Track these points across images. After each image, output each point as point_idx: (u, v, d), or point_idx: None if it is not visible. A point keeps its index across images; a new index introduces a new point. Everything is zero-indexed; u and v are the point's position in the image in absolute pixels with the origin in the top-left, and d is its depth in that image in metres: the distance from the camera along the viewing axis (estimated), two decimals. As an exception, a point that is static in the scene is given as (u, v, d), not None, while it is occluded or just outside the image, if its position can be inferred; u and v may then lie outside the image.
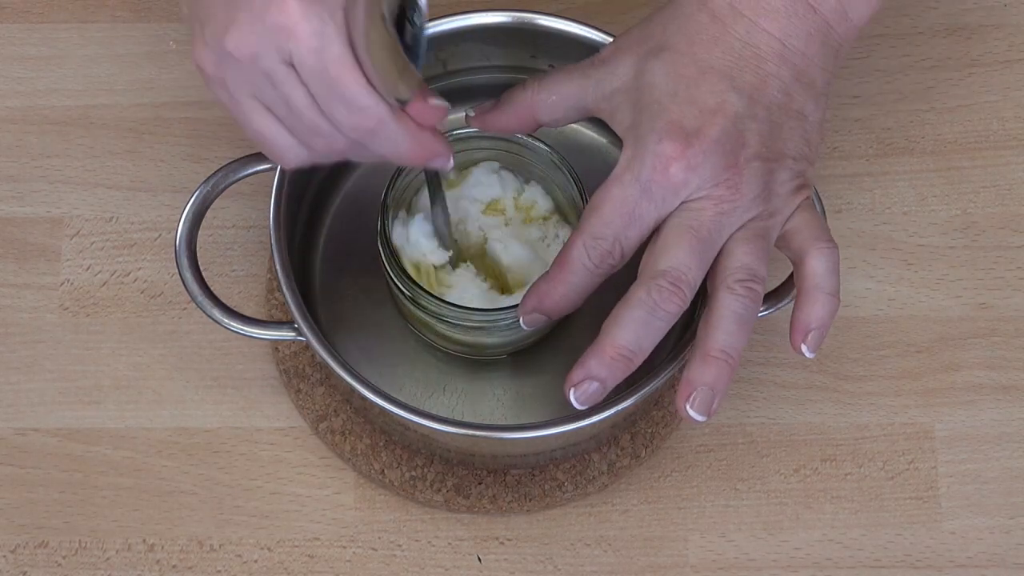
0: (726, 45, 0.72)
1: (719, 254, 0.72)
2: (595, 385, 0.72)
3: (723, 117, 0.71)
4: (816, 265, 0.73)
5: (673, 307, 0.71)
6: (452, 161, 0.72)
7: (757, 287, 0.72)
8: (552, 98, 0.76)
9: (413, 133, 0.69)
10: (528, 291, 0.75)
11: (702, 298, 0.81)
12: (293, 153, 0.71)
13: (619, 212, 0.72)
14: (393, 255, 0.79)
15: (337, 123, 0.68)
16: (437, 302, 0.79)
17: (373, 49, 0.66)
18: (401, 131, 0.69)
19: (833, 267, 0.73)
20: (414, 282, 0.79)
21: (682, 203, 0.71)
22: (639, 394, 0.77)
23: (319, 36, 0.65)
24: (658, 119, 0.71)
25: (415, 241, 0.81)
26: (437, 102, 0.70)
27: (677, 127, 0.71)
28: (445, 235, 0.81)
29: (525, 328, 0.76)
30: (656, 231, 0.72)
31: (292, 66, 0.67)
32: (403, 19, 0.68)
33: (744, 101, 0.71)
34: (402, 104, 0.69)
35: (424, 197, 0.81)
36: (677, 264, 0.71)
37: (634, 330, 0.72)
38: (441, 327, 0.81)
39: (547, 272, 0.74)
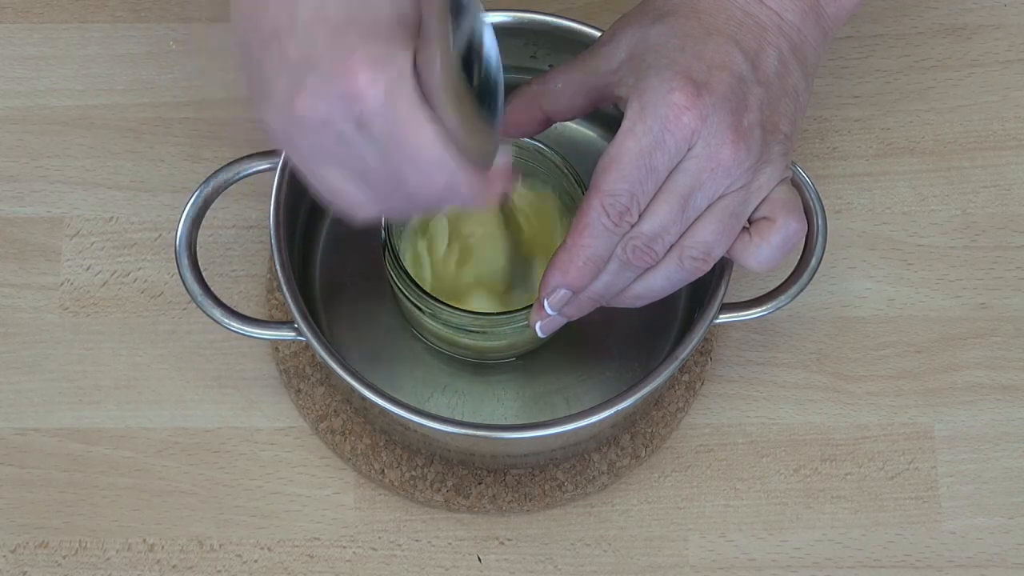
0: (728, 13, 0.73)
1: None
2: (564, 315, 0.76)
3: (729, 74, 0.71)
4: (772, 238, 0.75)
5: (645, 264, 0.74)
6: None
7: (707, 265, 0.74)
8: (558, 86, 0.76)
9: (482, 185, 0.68)
10: (548, 268, 0.74)
11: (701, 296, 0.81)
12: (368, 208, 0.69)
13: (636, 165, 0.71)
14: (396, 258, 0.79)
15: (408, 185, 0.67)
16: (439, 306, 0.79)
17: (448, 98, 0.65)
18: (471, 186, 0.67)
19: (781, 243, 0.74)
20: (417, 285, 0.79)
21: (681, 160, 0.72)
22: (639, 394, 0.77)
23: (387, 99, 0.64)
24: (667, 70, 0.71)
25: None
26: (504, 157, 0.69)
27: (687, 78, 0.71)
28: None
29: (550, 312, 0.75)
30: None
31: (365, 127, 0.65)
32: (471, 66, 0.67)
33: (748, 64, 0.72)
34: (479, 155, 0.68)
35: None
36: (658, 228, 0.72)
37: (605, 281, 0.74)
38: (444, 331, 0.81)
39: (564, 243, 0.73)
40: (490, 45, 0.67)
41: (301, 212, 0.85)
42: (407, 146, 0.65)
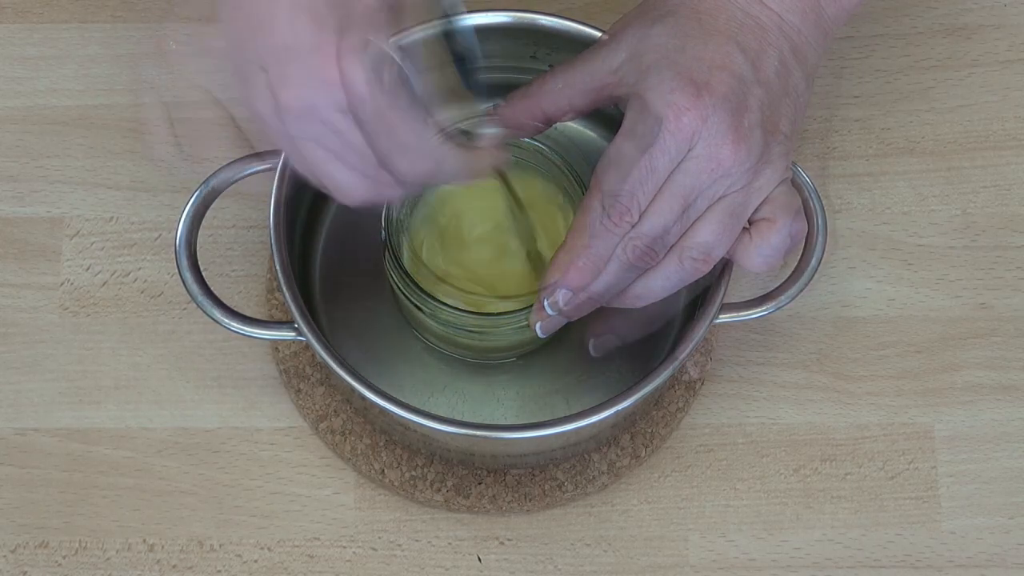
0: (728, 14, 0.73)
1: None
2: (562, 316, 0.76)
3: (730, 75, 0.71)
4: (772, 238, 0.75)
5: (646, 265, 0.74)
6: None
7: (707, 266, 0.74)
8: (558, 86, 0.76)
9: (470, 160, 0.69)
10: (548, 268, 0.74)
11: (701, 296, 0.81)
12: (359, 192, 0.69)
13: (635, 166, 0.71)
14: (396, 258, 0.79)
15: (397, 167, 0.67)
16: (439, 306, 0.79)
17: (431, 76, 0.65)
18: (459, 163, 0.68)
19: (781, 244, 0.75)
20: (417, 286, 0.79)
21: (681, 160, 0.72)
22: (639, 394, 0.77)
23: (368, 86, 0.64)
24: (667, 71, 0.72)
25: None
26: (491, 132, 0.70)
27: (687, 79, 0.71)
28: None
29: (550, 312, 0.75)
30: None
31: (349, 114, 0.66)
32: (451, 37, 0.68)
33: (748, 65, 0.72)
34: (464, 134, 0.68)
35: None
36: (658, 229, 0.72)
37: (605, 281, 0.74)
38: (444, 331, 0.81)
39: (564, 243, 0.74)
40: (463, 12, 0.68)
41: (301, 212, 0.86)
42: (391, 131, 0.66)
